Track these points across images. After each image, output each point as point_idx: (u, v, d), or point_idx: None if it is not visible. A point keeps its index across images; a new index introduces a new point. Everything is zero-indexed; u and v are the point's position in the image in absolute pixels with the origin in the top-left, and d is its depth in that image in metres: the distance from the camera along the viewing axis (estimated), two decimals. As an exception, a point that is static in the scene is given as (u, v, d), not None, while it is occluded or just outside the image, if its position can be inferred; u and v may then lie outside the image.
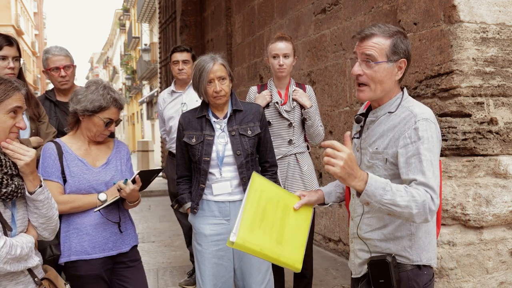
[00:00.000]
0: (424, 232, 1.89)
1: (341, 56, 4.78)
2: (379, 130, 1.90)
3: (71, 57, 3.53)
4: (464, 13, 3.08)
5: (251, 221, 1.89)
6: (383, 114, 1.91)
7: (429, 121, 1.79)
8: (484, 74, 3.14)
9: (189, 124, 2.81)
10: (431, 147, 1.75)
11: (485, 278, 3.05)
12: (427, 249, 1.90)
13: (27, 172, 1.91)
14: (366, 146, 1.94)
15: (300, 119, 3.44)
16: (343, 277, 4.40)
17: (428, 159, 1.73)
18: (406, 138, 1.78)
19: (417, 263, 1.88)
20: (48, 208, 2.00)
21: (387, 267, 1.85)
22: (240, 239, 1.84)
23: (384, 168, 1.85)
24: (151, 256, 5.36)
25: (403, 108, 1.87)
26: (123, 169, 2.63)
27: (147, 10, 25.93)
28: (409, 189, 1.68)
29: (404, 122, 1.81)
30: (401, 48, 1.85)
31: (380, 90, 1.87)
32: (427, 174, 1.71)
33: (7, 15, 33.27)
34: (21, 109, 1.93)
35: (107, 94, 2.51)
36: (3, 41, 2.91)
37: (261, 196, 1.97)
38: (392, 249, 1.88)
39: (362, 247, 1.97)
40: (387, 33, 1.85)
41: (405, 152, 1.77)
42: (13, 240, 1.86)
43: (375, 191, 1.66)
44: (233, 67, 7.75)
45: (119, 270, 2.61)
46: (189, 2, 9.52)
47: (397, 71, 1.87)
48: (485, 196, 3.01)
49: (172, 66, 4.37)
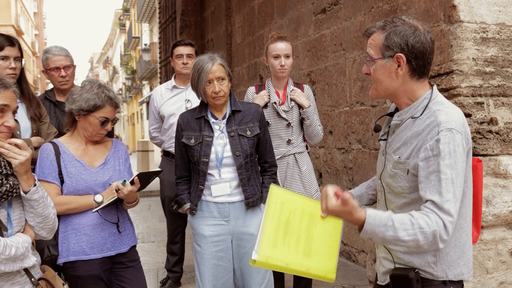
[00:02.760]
0: (454, 247, 1.74)
1: (341, 56, 4.77)
2: (403, 136, 1.74)
3: (71, 57, 3.51)
4: (464, 13, 3.08)
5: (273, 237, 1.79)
6: (407, 118, 1.75)
7: (453, 131, 1.61)
8: (484, 74, 3.13)
9: (187, 125, 2.80)
10: (453, 163, 1.59)
11: (485, 278, 3.04)
12: (456, 264, 1.75)
13: (21, 172, 1.90)
14: (390, 152, 1.80)
15: (299, 119, 3.43)
16: (343, 277, 4.40)
17: (449, 178, 1.58)
18: (427, 150, 1.63)
19: (443, 279, 1.74)
20: (44, 207, 1.99)
21: (410, 283, 1.73)
22: (262, 256, 1.74)
23: (406, 180, 1.72)
24: (151, 256, 5.36)
25: (429, 111, 1.69)
26: (121, 169, 2.62)
27: (147, 10, 25.93)
28: (417, 220, 1.57)
29: (427, 131, 1.65)
30: (394, 42, 1.68)
31: (382, 90, 1.76)
32: (444, 196, 1.57)
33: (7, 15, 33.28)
34: (9, 107, 1.90)
35: (101, 93, 2.49)
36: (5, 41, 2.90)
37: (282, 209, 1.86)
38: (416, 263, 1.74)
39: (387, 256, 1.86)
40: (383, 27, 1.72)
41: (426, 166, 1.63)
42: (7, 240, 1.85)
43: (375, 229, 1.58)
44: (233, 67, 7.75)
45: (118, 271, 2.60)
46: (189, 2, 9.51)
47: (396, 67, 1.70)
48: (485, 196, 3.01)
49: (175, 61, 4.14)
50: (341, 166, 4.90)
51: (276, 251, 1.77)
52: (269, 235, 1.79)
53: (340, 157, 4.91)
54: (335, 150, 4.99)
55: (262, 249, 1.75)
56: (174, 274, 4.30)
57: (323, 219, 1.83)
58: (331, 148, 5.08)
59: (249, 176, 2.78)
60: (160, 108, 4.14)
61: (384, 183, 1.83)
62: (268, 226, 1.80)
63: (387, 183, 1.81)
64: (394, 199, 1.79)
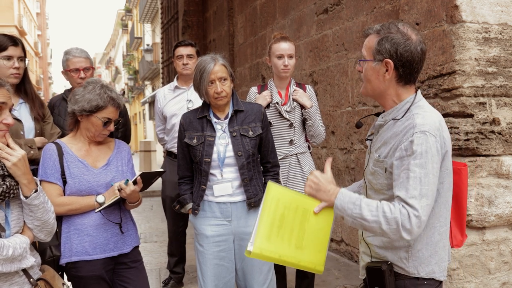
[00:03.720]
0: (425, 244, 1.81)
1: (343, 56, 4.77)
2: (384, 136, 1.86)
3: (91, 59, 3.58)
4: (466, 13, 3.08)
5: (268, 230, 1.91)
6: (390, 119, 1.86)
7: (427, 134, 1.71)
8: (486, 74, 3.13)
9: (190, 125, 2.81)
10: (423, 163, 1.68)
11: (487, 279, 3.04)
12: (428, 261, 1.81)
13: (18, 174, 1.89)
14: (373, 151, 1.91)
15: (301, 119, 3.44)
16: (345, 277, 4.40)
17: (417, 176, 1.68)
18: (402, 150, 1.73)
19: (415, 275, 1.81)
20: (44, 212, 1.98)
21: (382, 275, 1.82)
22: (257, 248, 1.87)
23: (384, 177, 1.82)
24: (153, 256, 5.37)
25: (409, 114, 1.80)
26: (124, 170, 2.62)
27: (149, 10, 25.96)
28: (382, 205, 1.70)
29: (404, 132, 1.75)
30: (385, 48, 1.77)
31: (370, 89, 1.87)
32: (410, 192, 1.67)
33: (10, 16, 33.35)
34: (6, 105, 1.90)
35: (104, 93, 2.49)
36: (8, 41, 2.91)
37: (278, 204, 1.98)
38: (389, 257, 1.85)
39: (365, 250, 1.97)
40: (378, 31, 1.82)
41: (400, 165, 1.73)
42: (5, 241, 1.85)
43: (344, 205, 1.74)
44: (235, 67, 7.76)
45: (121, 271, 2.60)
46: (191, 3, 9.52)
47: (384, 71, 1.80)
48: (487, 197, 3.01)
49: (176, 61, 4.17)
50: (343, 166, 4.90)
51: (270, 244, 1.89)
52: (265, 228, 1.91)
53: (342, 157, 4.91)
54: (337, 150, 4.99)
55: (258, 242, 1.88)
56: (176, 274, 4.31)
57: (315, 215, 1.96)
58: (333, 148, 5.08)
59: (251, 176, 2.78)
60: (163, 108, 4.17)
61: (366, 180, 1.95)
62: (264, 220, 1.92)
63: (368, 179, 1.92)
64: (374, 195, 1.89)
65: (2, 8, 32.32)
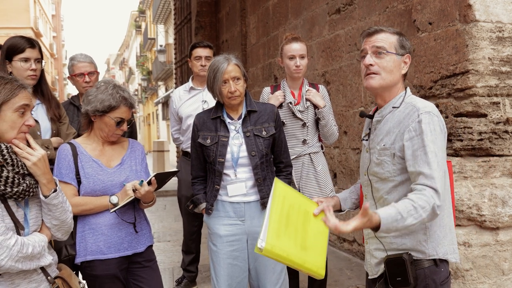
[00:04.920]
0: (439, 226, 1.92)
1: (356, 56, 4.77)
2: (386, 128, 1.99)
3: (95, 64, 3.67)
4: (479, 13, 3.06)
5: (277, 227, 1.88)
6: (388, 112, 2.01)
7: (431, 114, 1.88)
8: (500, 74, 3.11)
9: (203, 125, 2.83)
10: (434, 139, 1.84)
11: (501, 280, 3.02)
12: (443, 242, 1.93)
13: (38, 173, 1.93)
14: (375, 145, 2.02)
15: (314, 119, 3.44)
16: (357, 278, 4.39)
17: (433, 151, 1.81)
18: (411, 131, 1.87)
19: (433, 257, 1.91)
20: (62, 212, 2.02)
21: (404, 265, 1.87)
22: (269, 245, 1.83)
23: (392, 163, 1.93)
24: (167, 256, 5.40)
25: (406, 104, 1.97)
26: (138, 169, 2.64)
27: (163, 11, 26.08)
28: (417, 203, 1.74)
29: (408, 116, 1.91)
30: (406, 44, 2.01)
31: (389, 80, 1.98)
32: (432, 166, 1.79)
33: (26, 18, 33.73)
34: (29, 107, 1.95)
35: (116, 93, 2.50)
36: (26, 43, 2.95)
37: (284, 202, 1.96)
38: (408, 244, 1.92)
39: (378, 246, 1.99)
40: (392, 31, 2.01)
41: (411, 145, 1.86)
42: (24, 239, 1.89)
43: (389, 226, 1.73)
44: (247, 67, 7.77)
45: (135, 270, 2.62)
46: (204, 3, 9.55)
47: (403, 65, 2.00)
48: (501, 197, 2.99)
49: (193, 62, 4.18)
50: (356, 166, 4.89)
51: (280, 241, 1.86)
52: (274, 225, 1.87)
53: (354, 157, 4.90)
54: (350, 151, 4.98)
55: (270, 238, 1.84)
56: (190, 273, 4.33)
57: (315, 218, 1.98)
58: (345, 148, 5.07)
59: (265, 176, 2.79)
60: (179, 109, 4.21)
61: (370, 176, 2.04)
62: (273, 217, 1.89)
63: (373, 172, 2.01)
64: (382, 186, 1.99)
65: (18, 11, 32.71)
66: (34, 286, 1.97)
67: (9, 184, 1.84)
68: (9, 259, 1.81)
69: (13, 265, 1.83)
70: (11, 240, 1.82)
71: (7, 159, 1.85)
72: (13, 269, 1.84)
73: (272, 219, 1.89)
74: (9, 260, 1.81)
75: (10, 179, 1.85)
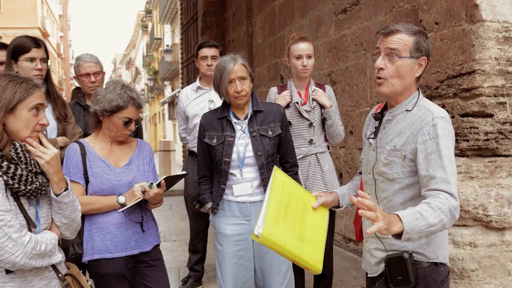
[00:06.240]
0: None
1: (362, 56, 4.77)
2: (397, 129, 1.95)
3: (101, 64, 3.67)
4: (486, 12, 3.05)
5: (275, 215, 1.84)
6: (400, 112, 1.97)
7: (445, 120, 1.86)
8: (506, 74, 3.10)
9: (210, 125, 2.84)
10: (448, 145, 1.81)
11: (506, 280, 3.01)
12: (443, 247, 1.94)
13: (50, 172, 1.95)
14: (383, 145, 1.98)
15: (320, 119, 3.45)
16: (363, 277, 4.38)
17: (447, 156, 1.79)
18: (424, 135, 1.84)
19: (434, 261, 1.91)
20: (72, 210, 2.04)
21: (405, 264, 1.87)
22: (266, 232, 1.79)
23: (401, 165, 1.90)
24: (173, 255, 5.42)
25: (419, 107, 1.93)
26: (145, 170, 2.65)
27: (169, 11, 26.13)
28: (433, 204, 1.70)
29: (421, 119, 1.87)
30: (423, 46, 1.92)
31: (400, 85, 1.93)
32: (447, 170, 1.76)
33: (33, 18, 33.91)
34: (43, 106, 1.97)
35: (124, 93, 2.52)
36: (31, 43, 2.97)
37: (283, 191, 1.94)
38: (409, 246, 1.90)
39: (378, 246, 1.99)
40: (411, 30, 1.92)
41: (424, 148, 1.83)
42: (37, 236, 1.91)
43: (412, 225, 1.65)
44: (254, 67, 7.78)
45: (142, 269, 2.63)
46: (210, 3, 9.57)
47: (417, 68, 1.93)
48: (507, 197, 2.98)
49: (200, 62, 4.20)
50: (362, 166, 4.88)
51: (278, 229, 1.82)
52: (272, 212, 1.84)
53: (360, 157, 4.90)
54: (356, 151, 4.98)
55: (267, 225, 1.80)
56: (196, 272, 4.35)
57: (313, 211, 1.95)
58: (351, 148, 5.07)
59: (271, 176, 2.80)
60: (186, 108, 4.23)
61: (375, 175, 2.01)
62: (272, 204, 1.86)
63: (380, 172, 1.97)
64: (388, 187, 1.96)
65: (26, 11, 32.90)
66: (46, 283, 1.99)
67: (22, 182, 1.86)
68: (24, 256, 1.83)
69: (27, 262, 1.85)
70: (25, 237, 1.84)
71: (21, 157, 1.88)
72: (27, 266, 1.87)
73: (270, 206, 1.86)
74: (23, 257, 1.83)
75: (24, 177, 1.87)
